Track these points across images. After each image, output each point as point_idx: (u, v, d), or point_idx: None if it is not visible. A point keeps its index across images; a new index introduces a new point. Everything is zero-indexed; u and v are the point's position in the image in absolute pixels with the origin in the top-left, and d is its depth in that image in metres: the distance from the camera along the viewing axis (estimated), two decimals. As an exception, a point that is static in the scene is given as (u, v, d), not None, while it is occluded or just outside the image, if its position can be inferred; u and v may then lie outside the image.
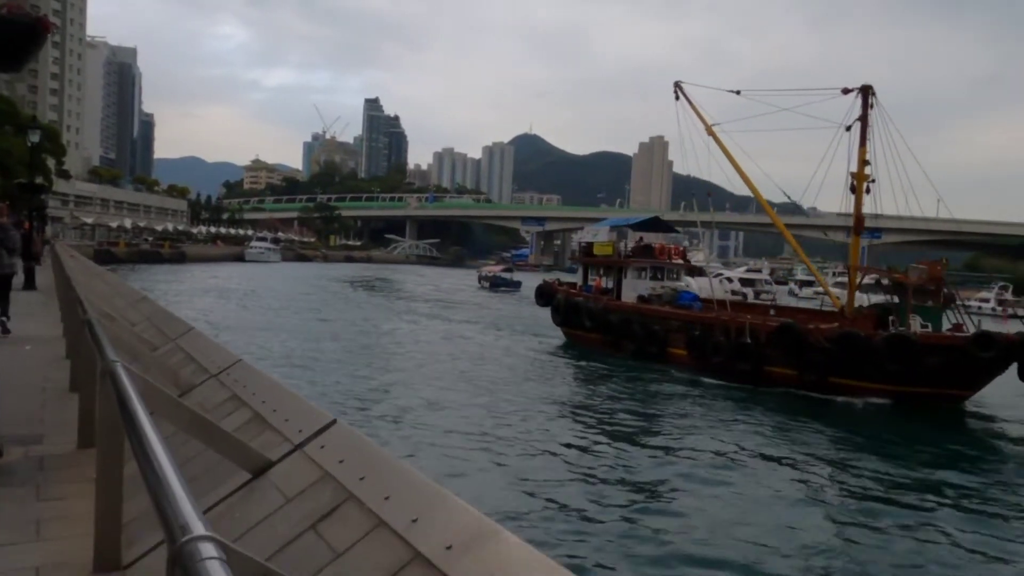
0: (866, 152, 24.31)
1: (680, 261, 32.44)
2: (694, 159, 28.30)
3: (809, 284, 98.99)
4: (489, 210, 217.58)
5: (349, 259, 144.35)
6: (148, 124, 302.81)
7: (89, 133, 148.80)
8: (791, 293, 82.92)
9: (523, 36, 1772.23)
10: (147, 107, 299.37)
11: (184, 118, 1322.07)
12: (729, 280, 71.27)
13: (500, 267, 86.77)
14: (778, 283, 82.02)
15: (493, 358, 26.69)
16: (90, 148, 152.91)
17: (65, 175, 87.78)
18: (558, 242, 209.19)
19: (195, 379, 5.38)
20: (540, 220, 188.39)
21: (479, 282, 77.01)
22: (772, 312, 28.68)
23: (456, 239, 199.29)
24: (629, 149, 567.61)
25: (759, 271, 79.94)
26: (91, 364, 4.28)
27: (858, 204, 24.76)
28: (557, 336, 32.62)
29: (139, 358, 5.88)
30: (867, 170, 24.39)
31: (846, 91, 24.76)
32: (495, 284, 74.14)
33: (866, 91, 24.58)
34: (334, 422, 3.34)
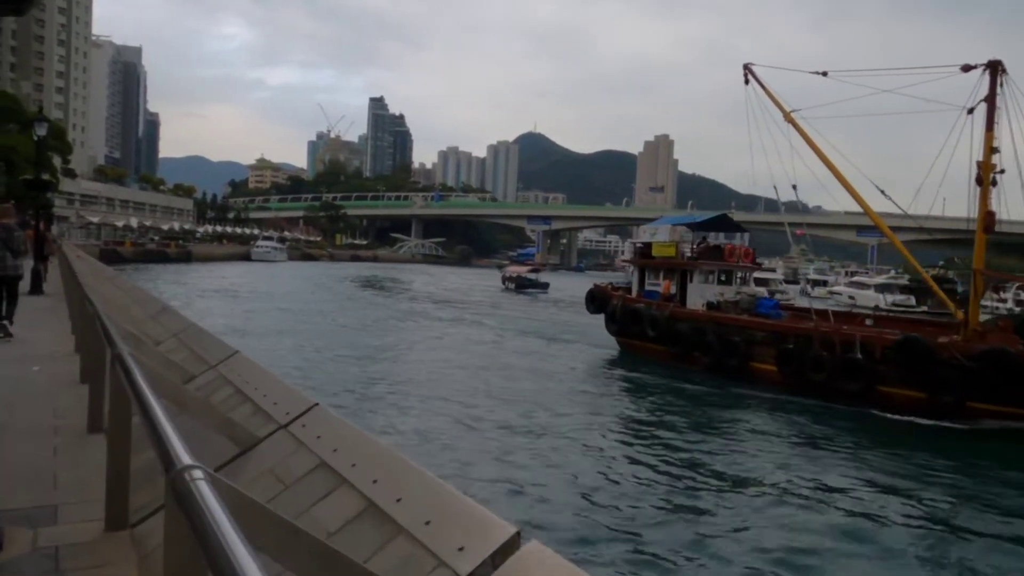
0: (993, 138, 20.73)
1: (750, 264, 29.33)
2: (774, 152, 24.80)
3: (822, 284, 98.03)
4: (495, 209, 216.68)
5: (355, 258, 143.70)
6: (153, 123, 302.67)
7: (94, 132, 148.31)
8: (803, 293, 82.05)
9: (524, 35, 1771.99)
10: (152, 106, 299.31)
11: (188, 117, 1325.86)
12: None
13: (526, 267, 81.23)
14: (787, 283, 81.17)
15: (544, 371, 24.01)
16: (95, 147, 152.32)
17: (71, 174, 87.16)
18: (564, 241, 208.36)
19: (195, 369, 5.74)
20: (546, 219, 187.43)
21: (503, 283, 72.70)
22: (869, 322, 25.01)
23: (462, 238, 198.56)
24: (633, 147, 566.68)
25: (773, 271, 78.86)
26: (100, 356, 4.99)
27: (984, 198, 20.96)
28: (610, 346, 29.60)
29: (143, 350, 6.01)
30: (994, 159, 20.86)
31: (967, 68, 21.09)
32: (521, 285, 69.67)
33: (995, 67, 20.67)
34: (316, 405, 3.82)
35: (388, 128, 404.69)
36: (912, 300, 59.77)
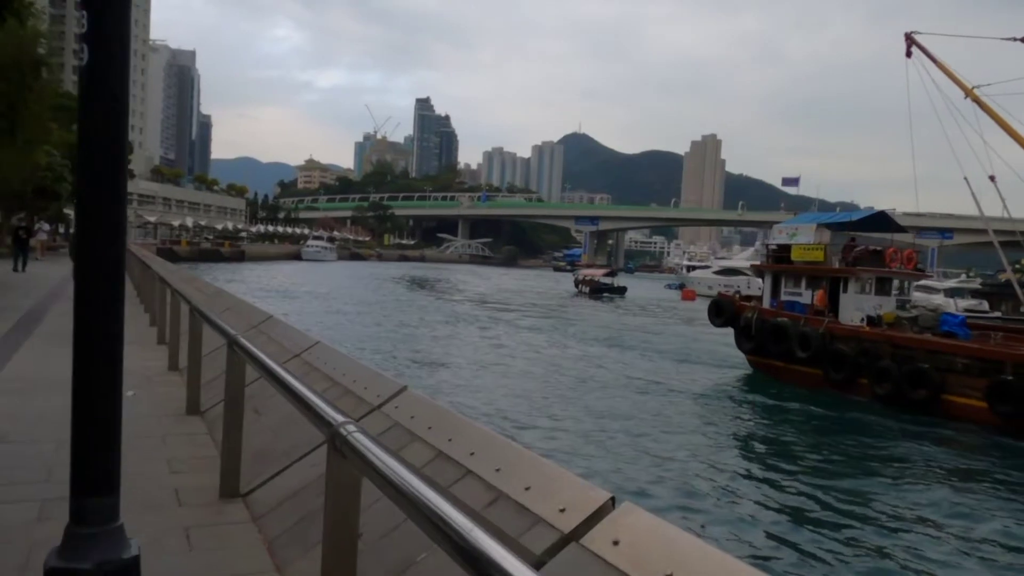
0: None
1: (912, 271, 24.78)
2: (959, 131, 21.08)
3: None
4: (542, 209, 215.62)
5: (403, 258, 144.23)
6: (206, 125, 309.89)
7: (151, 134, 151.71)
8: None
9: (572, 35, 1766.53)
10: (204, 108, 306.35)
11: (239, 119, 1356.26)
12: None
13: (600, 271, 75.52)
14: None
15: (667, 392, 20.56)
16: (151, 148, 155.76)
17: (129, 174, 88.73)
18: (611, 242, 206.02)
19: (280, 358, 5.78)
20: (594, 219, 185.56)
21: (576, 287, 68.66)
22: None
23: (508, 238, 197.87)
24: (679, 148, 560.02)
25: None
26: (197, 345, 6.08)
27: None
28: (738, 365, 25.28)
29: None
30: None
31: None
32: (596, 290, 65.49)
33: None
34: (405, 388, 4.01)
35: (434, 129, 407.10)
36: (985, 305, 56.61)
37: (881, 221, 27.11)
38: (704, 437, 15.87)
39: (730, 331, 25.75)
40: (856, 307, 22.78)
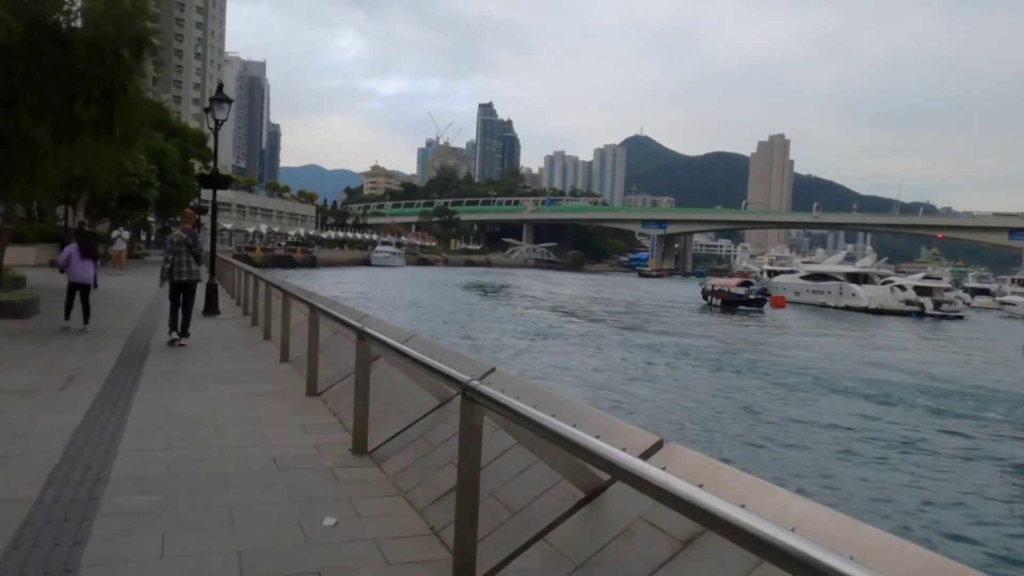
0: None
1: None
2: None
3: (984, 292, 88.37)
4: (607, 213, 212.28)
5: (469, 263, 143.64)
6: (275, 134, 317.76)
7: (224, 142, 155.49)
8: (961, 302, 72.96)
9: (634, 35, 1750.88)
10: (274, 118, 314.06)
11: (305, 128, 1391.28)
12: (902, 288, 63.58)
13: (735, 280, 65.29)
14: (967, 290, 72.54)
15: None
16: (225, 157, 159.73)
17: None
18: (678, 246, 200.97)
19: (377, 351, 6.15)
20: (661, 223, 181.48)
21: (705, 299, 59.95)
22: None
23: (573, 242, 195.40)
24: (744, 149, 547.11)
25: (939, 278, 70.94)
26: (315, 339, 7.60)
27: None
28: None
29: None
30: None
31: None
32: (730, 303, 56.39)
33: None
34: (494, 369, 4.79)
35: (496, 133, 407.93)
36: None
37: None
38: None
39: None
40: None
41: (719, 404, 18.27)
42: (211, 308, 15.09)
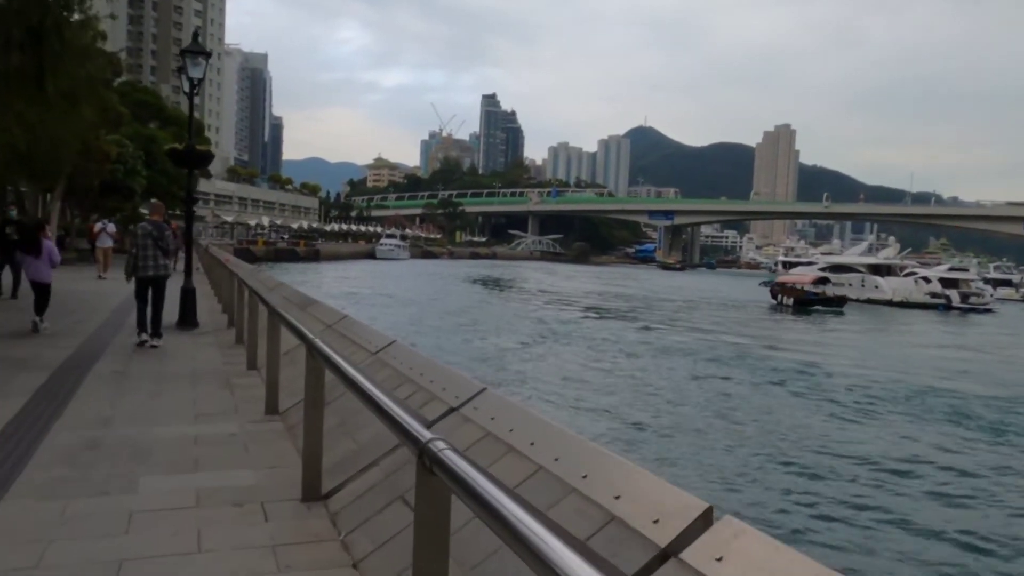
0: None
1: None
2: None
3: (1006, 284, 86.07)
4: (613, 204, 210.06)
5: (475, 255, 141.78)
6: (277, 127, 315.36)
7: (226, 135, 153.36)
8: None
9: (636, 26, 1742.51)
10: (276, 110, 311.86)
11: (308, 121, 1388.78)
12: (927, 280, 61.44)
13: (809, 276, 57.22)
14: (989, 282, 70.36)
15: None
16: (226, 149, 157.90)
17: (207, 174, 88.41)
18: (685, 236, 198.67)
19: (356, 358, 5.51)
20: (668, 214, 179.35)
21: (774, 298, 53.35)
22: None
23: (578, 234, 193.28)
24: (749, 139, 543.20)
25: (965, 269, 68.68)
26: (275, 347, 6.11)
27: None
28: None
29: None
30: None
31: None
32: (803, 303, 49.77)
33: None
34: (484, 389, 3.80)
35: (500, 125, 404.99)
36: None
37: None
38: None
39: None
40: None
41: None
42: (187, 319, 11.60)
